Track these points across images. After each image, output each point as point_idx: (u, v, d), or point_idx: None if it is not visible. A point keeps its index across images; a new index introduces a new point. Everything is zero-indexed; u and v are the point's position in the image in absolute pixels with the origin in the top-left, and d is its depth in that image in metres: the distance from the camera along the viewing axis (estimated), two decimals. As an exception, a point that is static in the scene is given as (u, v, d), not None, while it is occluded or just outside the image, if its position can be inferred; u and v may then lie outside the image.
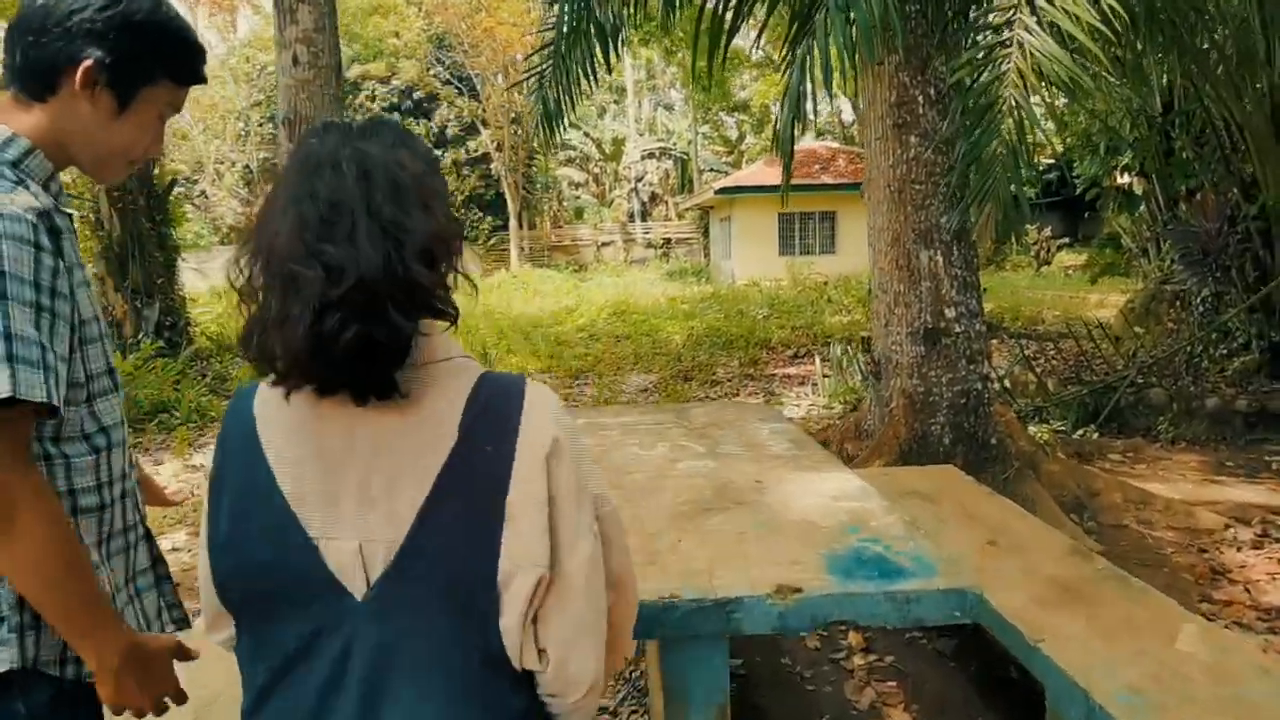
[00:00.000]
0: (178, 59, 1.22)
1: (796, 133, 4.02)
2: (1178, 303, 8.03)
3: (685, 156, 33.57)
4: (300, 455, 0.91)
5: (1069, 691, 1.86)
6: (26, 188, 1.09)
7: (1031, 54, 3.54)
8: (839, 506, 1.96)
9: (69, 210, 1.19)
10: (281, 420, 0.93)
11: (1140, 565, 3.88)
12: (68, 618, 1.06)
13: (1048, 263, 21.83)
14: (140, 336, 8.42)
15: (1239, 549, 4.05)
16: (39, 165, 1.13)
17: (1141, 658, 2.04)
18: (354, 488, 0.90)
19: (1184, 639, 2.23)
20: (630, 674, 2.98)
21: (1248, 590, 3.60)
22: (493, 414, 0.93)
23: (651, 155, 34.31)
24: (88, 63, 1.11)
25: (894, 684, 2.89)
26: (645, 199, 33.67)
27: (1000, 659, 2.39)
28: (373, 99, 27.53)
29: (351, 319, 0.84)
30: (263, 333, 0.87)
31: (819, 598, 1.51)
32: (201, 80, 1.26)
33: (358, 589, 0.89)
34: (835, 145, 25.61)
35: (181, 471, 6.17)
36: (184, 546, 4.69)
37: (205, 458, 6.45)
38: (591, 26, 5.60)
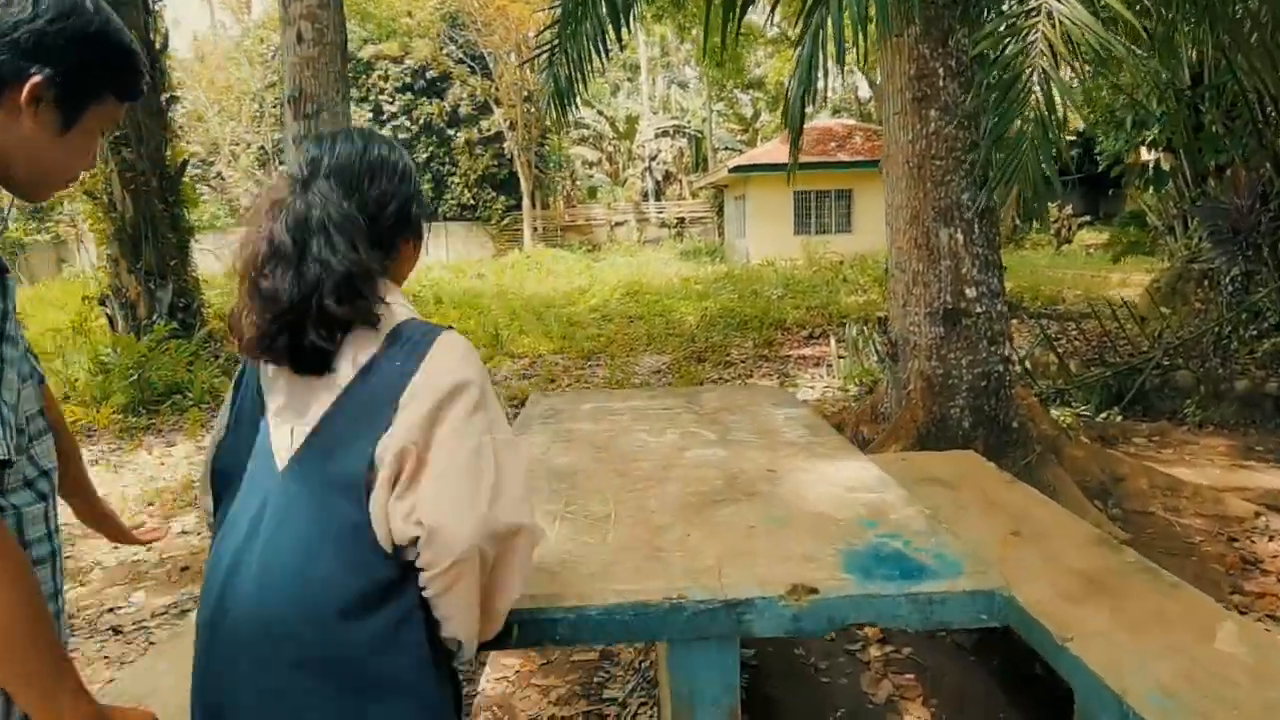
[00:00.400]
0: (125, 75, 1.14)
1: (811, 109, 3.88)
2: (1205, 282, 7.82)
3: (700, 135, 33.24)
4: (277, 386, 1.23)
5: (1099, 694, 1.76)
6: None
7: (1061, 22, 3.39)
8: (856, 498, 1.86)
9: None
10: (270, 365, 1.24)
11: (1168, 554, 3.76)
12: (30, 680, 0.97)
13: (1069, 241, 21.49)
14: (153, 318, 8.39)
15: (1271, 538, 3.92)
16: None
17: (1174, 655, 1.94)
18: (299, 402, 1.20)
19: (1220, 636, 2.12)
20: (639, 664, 2.91)
21: (1280, 581, 3.48)
22: (408, 342, 1.19)
23: (665, 133, 34.00)
24: (36, 79, 1.02)
25: (912, 677, 2.79)
26: (659, 178, 33.42)
27: (1025, 654, 2.29)
28: (385, 79, 27.40)
29: (282, 332, 1.14)
30: (235, 319, 1.21)
31: (835, 599, 1.41)
32: (141, 95, 1.19)
33: (282, 462, 1.18)
34: (852, 122, 25.26)
35: (194, 453, 6.15)
36: (193, 529, 4.66)
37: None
38: (602, 2, 5.46)
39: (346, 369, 1.18)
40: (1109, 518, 4.18)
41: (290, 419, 1.20)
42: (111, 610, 3.64)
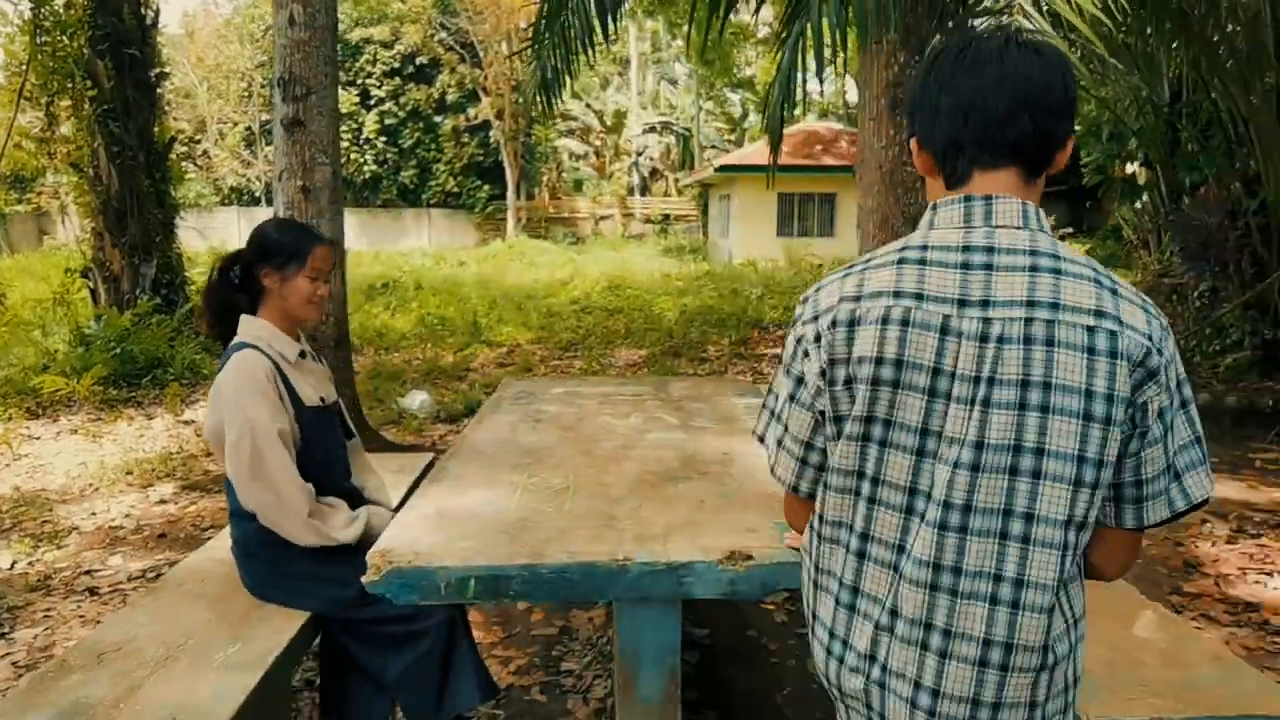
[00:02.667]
0: None
1: (799, 112, 4.00)
2: (1175, 296, 8.02)
3: (687, 132, 33.31)
4: None
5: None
6: None
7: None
8: (802, 480, 1.98)
9: None
10: None
11: (1113, 554, 3.91)
12: None
13: (1049, 252, 21.71)
14: (137, 293, 8.40)
15: (1213, 543, 4.09)
16: None
17: (1095, 642, 2.07)
18: None
19: (1141, 625, 2.26)
20: (595, 639, 3.02)
21: (1218, 584, 3.64)
22: (224, 358, 2.05)
23: (653, 129, 34.05)
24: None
25: (858, 659, 2.92)
26: (645, 173, 33.48)
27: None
28: (374, 63, 27.29)
29: None
30: None
31: (770, 566, 1.53)
32: None
33: None
34: (838, 126, 25.40)
35: (173, 426, 6.20)
36: (171, 499, 4.73)
37: (197, 414, 6.48)
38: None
39: None
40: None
41: None
42: (88, 573, 3.71)
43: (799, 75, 4.21)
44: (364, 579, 1.52)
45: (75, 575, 3.67)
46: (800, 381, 1.12)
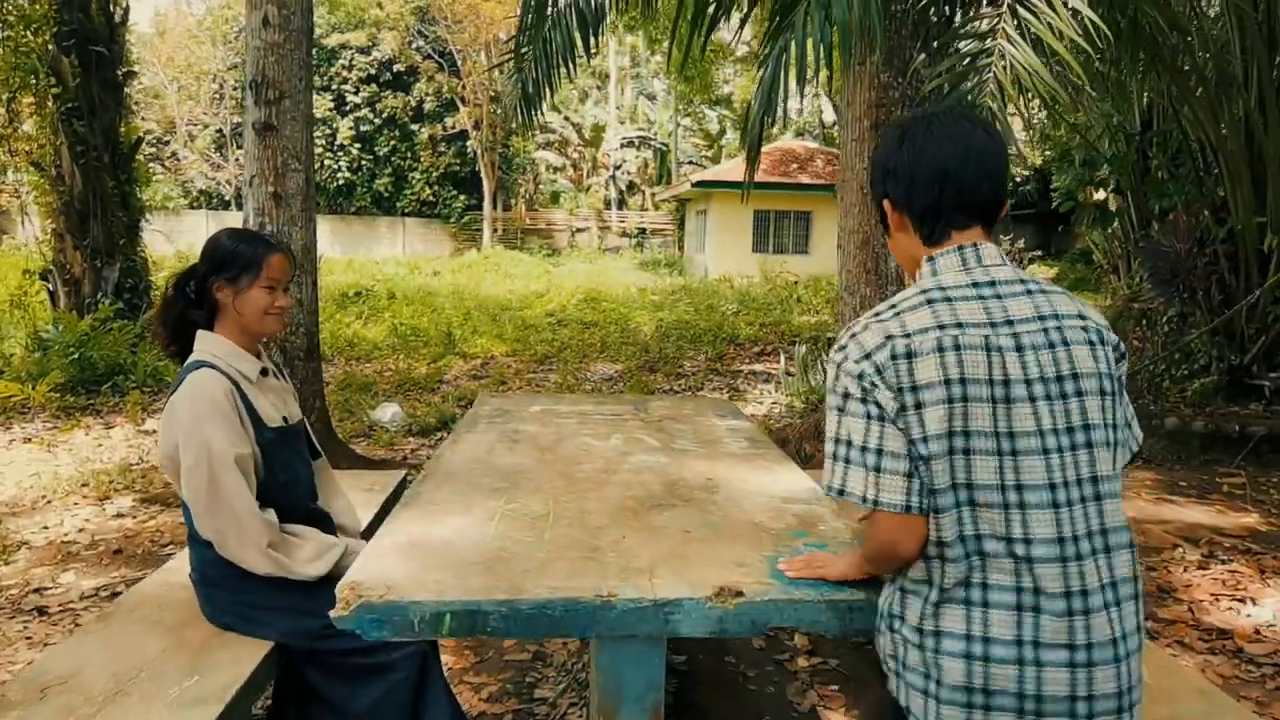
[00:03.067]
0: None
1: (776, 130, 3.97)
2: (1144, 321, 8.12)
3: (665, 147, 33.42)
4: None
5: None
6: None
7: (1012, 65, 3.52)
8: (789, 509, 1.92)
9: None
10: None
11: (1089, 579, 3.90)
12: None
13: (1019, 274, 22.02)
14: (99, 297, 8.19)
15: (1185, 569, 4.09)
16: None
17: (1083, 674, 2.04)
18: None
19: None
20: (571, 666, 2.93)
21: (1191, 610, 3.64)
22: (179, 377, 1.95)
23: (631, 144, 34.12)
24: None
25: (836, 688, 2.87)
26: (623, 187, 33.51)
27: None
28: (350, 68, 27.06)
29: None
30: None
31: (760, 603, 1.47)
32: None
33: None
34: (814, 145, 25.63)
35: (134, 436, 6.02)
36: (129, 512, 4.57)
37: (158, 423, 6.29)
38: (573, 12, 5.50)
39: None
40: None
41: None
42: (37, 591, 3.55)
43: (781, 91, 4.18)
44: (331, 614, 1.43)
45: (23, 594, 3.51)
46: (880, 406, 1.27)
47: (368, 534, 2.76)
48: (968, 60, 3.78)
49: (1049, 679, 1.20)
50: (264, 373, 2.05)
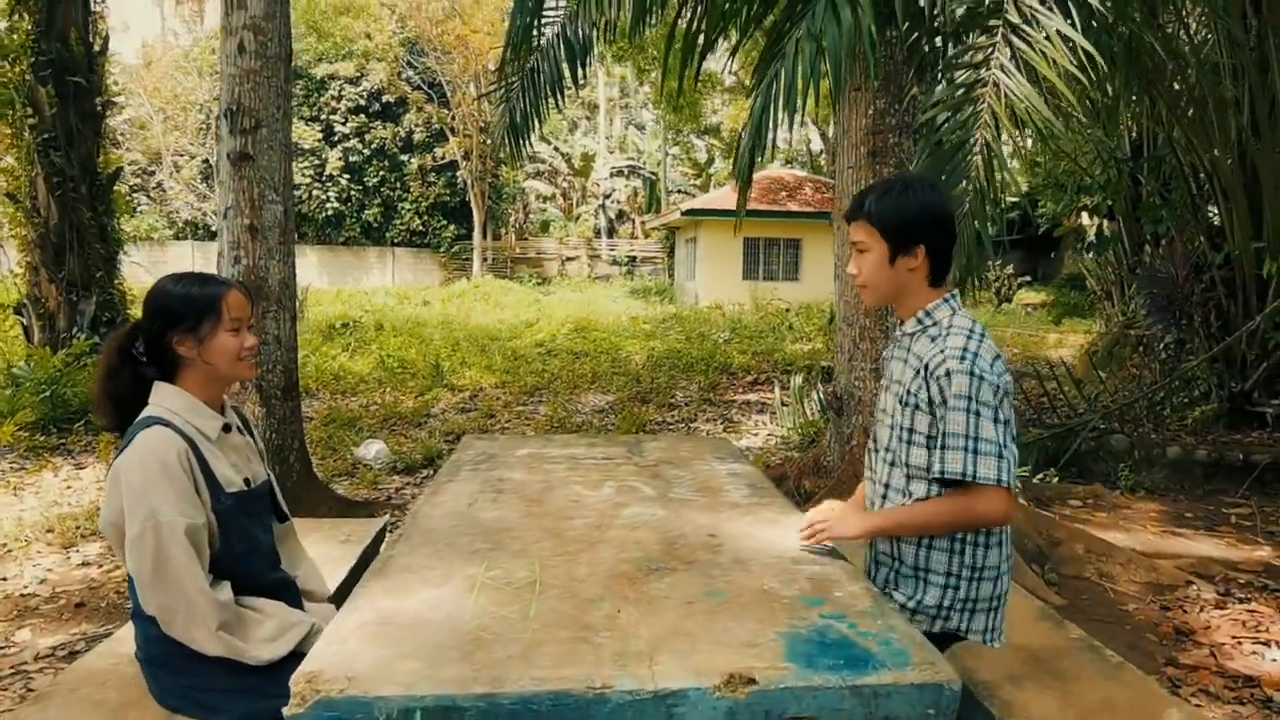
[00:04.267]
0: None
1: (762, 159, 3.83)
2: (1141, 348, 8.01)
3: (654, 176, 33.53)
4: None
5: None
6: None
7: (1006, 95, 3.41)
8: (800, 571, 1.74)
9: None
10: None
11: (1103, 622, 3.73)
12: None
13: (1008, 300, 22.04)
14: (74, 331, 7.97)
15: (1202, 608, 3.92)
16: None
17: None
18: None
19: (1166, 724, 2.05)
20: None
21: (1213, 654, 3.46)
22: (129, 435, 1.75)
23: (621, 173, 34.21)
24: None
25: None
26: (612, 216, 33.54)
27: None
28: (339, 99, 27.04)
29: None
30: None
31: (775, 691, 1.29)
32: None
33: None
34: (802, 174, 25.74)
35: (103, 477, 5.78)
36: (95, 560, 4.34)
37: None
38: (561, 43, 5.41)
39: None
40: (1045, 582, 4.16)
41: None
42: (-11, 651, 3.32)
43: (771, 120, 4.07)
44: (285, 711, 1.25)
45: (-26, 654, 3.28)
46: (1008, 409, 1.75)
47: (341, 594, 2.57)
48: (962, 90, 3.67)
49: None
50: (226, 429, 1.86)
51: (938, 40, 4.18)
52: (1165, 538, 5.01)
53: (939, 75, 4.32)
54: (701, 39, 4.40)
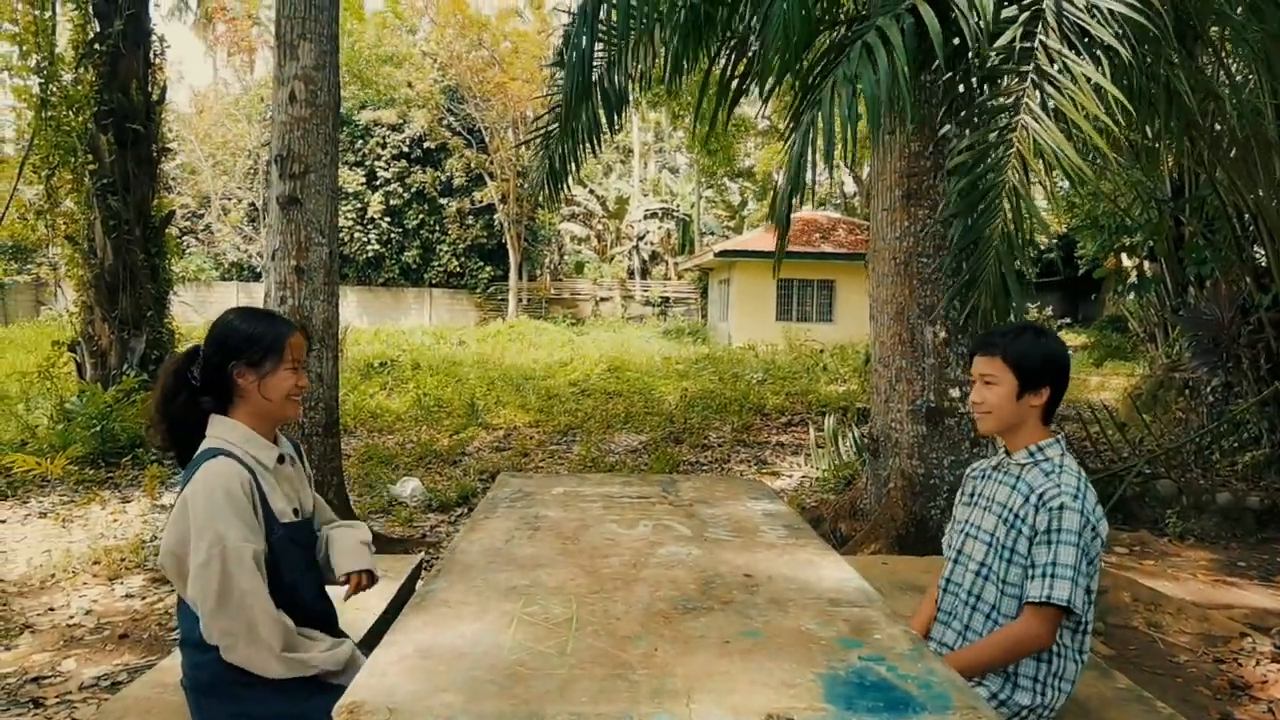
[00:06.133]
0: None
1: (797, 202, 3.87)
2: (1187, 391, 7.85)
3: (687, 218, 33.81)
4: None
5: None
6: None
7: (1035, 140, 3.41)
8: (838, 613, 1.73)
9: None
10: None
11: (1153, 674, 3.61)
12: None
13: (1047, 342, 21.73)
14: (124, 368, 8.20)
15: (1258, 662, 3.78)
16: None
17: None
18: None
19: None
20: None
21: (1271, 711, 3.34)
22: (192, 466, 1.79)
23: (654, 215, 34.55)
24: None
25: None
26: (646, 257, 33.81)
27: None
28: (383, 145, 27.76)
29: None
30: None
31: (814, 732, 1.28)
32: None
33: None
34: (836, 215, 25.80)
35: (148, 511, 5.90)
36: (139, 592, 4.42)
37: (174, 498, 6.18)
38: (598, 92, 5.53)
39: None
40: (1093, 631, 4.04)
41: None
42: (36, 680, 3.38)
43: (809, 164, 4.11)
44: (326, 741, 1.27)
45: (20, 683, 3.34)
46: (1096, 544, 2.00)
47: (377, 628, 2.59)
48: (995, 134, 3.68)
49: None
50: (281, 459, 1.92)
51: (973, 82, 4.21)
52: (1217, 587, 4.86)
53: (972, 118, 4.34)
54: (735, 84, 4.47)
